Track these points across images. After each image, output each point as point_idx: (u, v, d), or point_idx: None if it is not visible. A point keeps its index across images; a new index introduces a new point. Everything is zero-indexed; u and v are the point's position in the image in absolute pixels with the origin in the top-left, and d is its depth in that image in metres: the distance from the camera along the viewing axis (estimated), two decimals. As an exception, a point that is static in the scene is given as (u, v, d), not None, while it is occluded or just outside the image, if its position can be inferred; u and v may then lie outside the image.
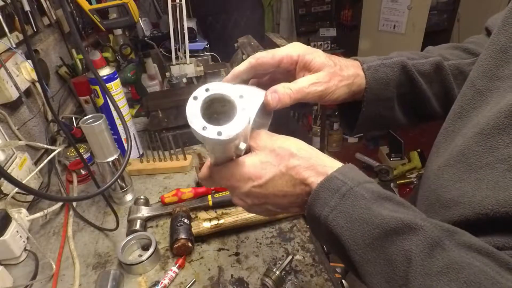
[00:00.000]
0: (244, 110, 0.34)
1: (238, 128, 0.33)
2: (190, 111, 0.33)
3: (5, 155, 0.82)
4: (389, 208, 0.33)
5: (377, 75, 0.49)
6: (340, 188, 0.35)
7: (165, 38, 1.41)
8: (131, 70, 1.25)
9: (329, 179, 0.36)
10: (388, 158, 2.82)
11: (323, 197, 0.36)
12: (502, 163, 0.32)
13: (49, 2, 1.29)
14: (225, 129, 0.33)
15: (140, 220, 0.77)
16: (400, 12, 2.87)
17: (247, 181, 0.40)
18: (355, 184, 0.35)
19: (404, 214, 0.32)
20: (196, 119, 0.32)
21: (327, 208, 0.35)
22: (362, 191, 0.34)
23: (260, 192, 0.40)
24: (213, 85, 0.34)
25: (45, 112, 1.12)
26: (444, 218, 0.36)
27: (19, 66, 0.96)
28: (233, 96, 0.34)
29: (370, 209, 0.33)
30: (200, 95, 0.34)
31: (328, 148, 3.10)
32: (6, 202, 0.75)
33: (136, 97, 1.32)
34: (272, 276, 0.61)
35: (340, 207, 0.34)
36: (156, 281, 0.66)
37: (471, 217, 0.33)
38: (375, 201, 0.34)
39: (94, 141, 0.77)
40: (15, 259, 0.71)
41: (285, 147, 0.40)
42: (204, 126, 0.32)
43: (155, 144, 0.96)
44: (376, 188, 0.35)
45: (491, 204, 0.31)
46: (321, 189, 0.36)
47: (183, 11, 1.25)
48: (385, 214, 0.32)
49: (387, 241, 0.31)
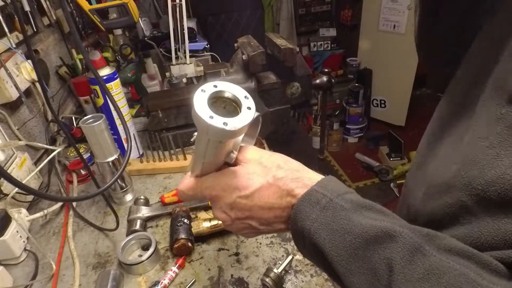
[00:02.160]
0: (250, 109, 0.35)
1: (244, 121, 0.33)
2: (197, 101, 0.33)
3: (5, 155, 0.82)
4: (369, 217, 0.33)
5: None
6: (320, 200, 0.35)
7: (165, 38, 1.42)
8: (131, 70, 1.25)
9: (309, 193, 0.36)
10: (388, 158, 2.82)
11: (304, 211, 0.36)
12: (483, 141, 0.32)
13: (49, 2, 1.29)
14: (231, 121, 0.33)
15: (140, 220, 0.77)
16: (400, 12, 2.86)
17: (233, 191, 0.40)
18: (334, 195, 0.35)
19: (383, 222, 0.32)
20: (204, 108, 0.33)
21: (309, 221, 0.35)
22: (341, 202, 0.35)
23: (246, 204, 0.40)
24: (221, 83, 0.35)
25: (45, 112, 1.12)
26: (441, 203, 0.36)
27: (19, 66, 0.96)
28: (239, 95, 0.35)
29: (350, 219, 0.33)
30: (208, 89, 0.34)
31: (328, 148, 3.10)
32: (6, 202, 0.75)
33: (136, 97, 1.32)
34: (272, 276, 0.61)
35: (321, 219, 0.35)
36: (156, 281, 0.66)
37: (466, 199, 0.33)
38: (354, 210, 0.34)
39: (94, 141, 0.77)
40: (15, 259, 0.71)
41: (272, 160, 0.40)
42: (211, 115, 0.32)
43: (155, 144, 0.96)
44: (356, 198, 0.36)
45: (480, 185, 0.31)
46: (303, 203, 0.36)
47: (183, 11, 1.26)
48: (364, 223, 0.32)
49: (369, 250, 0.31)
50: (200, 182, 0.43)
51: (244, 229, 0.43)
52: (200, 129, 0.35)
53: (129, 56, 1.33)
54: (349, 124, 3.16)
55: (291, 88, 1.08)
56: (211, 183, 0.41)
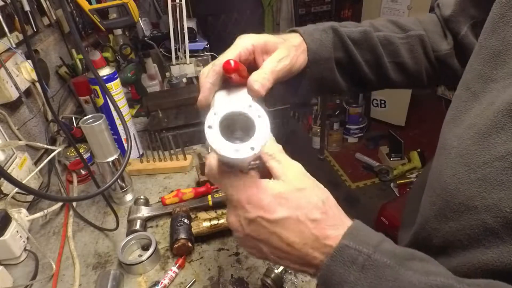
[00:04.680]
0: (261, 117, 0.33)
1: (265, 135, 0.32)
2: (213, 141, 0.31)
3: (5, 155, 0.82)
4: (416, 270, 0.30)
5: (313, 37, 0.52)
6: (356, 259, 0.31)
7: (165, 38, 1.41)
8: (131, 70, 1.25)
9: (340, 249, 0.32)
10: (388, 158, 2.82)
11: (337, 272, 0.31)
12: (500, 161, 0.31)
13: (49, 2, 1.29)
14: (254, 142, 0.31)
15: (140, 220, 0.77)
16: (400, 12, 2.86)
17: (257, 209, 0.35)
18: (371, 250, 0.31)
19: (436, 276, 0.29)
20: (225, 145, 0.31)
21: (346, 286, 0.31)
22: (382, 258, 0.30)
23: (266, 228, 0.35)
24: (217, 108, 0.33)
25: (45, 112, 1.12)
26: (460, 224, 0.35)
27: (19, 66, 0.96)
28: (243, 109, 0.33)
29: (398, 279, 0.29)
30: (213, 123, 0.32)
31: (328, 148, 3.10)
32: (6, 202, 0.75)
33: (136, 97, 1.32)
34: (272, 276, 0.61)
35: (362, 282, 0.30)
36: (156, 281, 0.66)
37: (489, 221, 0.32)
38: (399, 265, 0.30)
39: (94, 141, 0.77)
40: (15, 259, 0.71)
41: (314, 193, 0.36)
42: (236, 149, 0.31)
43: (155, 144, 0.96)
44: (393, 248, 0.32)
45: (509, 207, 0.30)
46: (334, 263, 0.32)
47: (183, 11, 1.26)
48: (415, 281, 0.29)
49: None
50: (225, 175, 0.37)
51: (252, 248, 0.39)
52: None
53: (129, 56, 1.33)
54: (349, 124, 3.16)
55: (291, 88, 1.07)
56: (238, 186, 0.36)
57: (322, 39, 0.53)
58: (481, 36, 0.40)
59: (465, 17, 0.54)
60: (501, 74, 0.35)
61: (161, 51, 1.40)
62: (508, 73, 0.34)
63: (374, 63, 0.57)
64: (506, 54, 0.35)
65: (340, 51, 0.55)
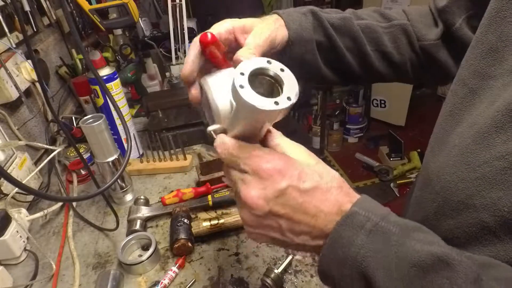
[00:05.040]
0: (284, 70, 0.33)
1: (295, 86, 0.32)
2: (251, 98, 0.30)
3: (5, 155, 0.82)
4: (420, 240, 0.31)
5: (293, 17, 0.53)
6: (364, 224, 0.32)
7: (165, 38, 1.41)
8: (131, 70, 1.25)
9: (351, 215, 0.32)
10: (388, 158, 2.82)
11: (346, 236, 0.32)
12: (499, 160, 0.32)
13: (49, 2, 1.29)
14: (288, 92, 0.31)
15: (140, 220, 0.77)
16: (400, 12, 2.87)
17: (290, 177, 0.33)
18: (379, 218, 0.32)
19: (439, 246, 0.30)
20: (263, 100, 0.30)
21: (353, 248, 0.31)
22: (389, 226, 0.32)
23: (295, 198, 0.33)
24: (242, 67, 0.32)
25: (45, 112, 1.12)
26: (459, 222, 0.36)
27: (19, 66, 0.96)
28: (265, 65, 0.33)
29: (403, 245, 0.30)
30: (243, 82, 0.31)
31: (328, 148, 3.10)
32: (6, 202, 0.75)
33: (136, 97, 1.32)
34: (272, 276, 0.61)
35: (369, 245, 0.31)
36: (156, 281, 0.66)
37: (487, 219, 0.32)
38: (405, 235, 0.31)
39: (94, 141, 0.77)
40: (15, 259, 0.71)
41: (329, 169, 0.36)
42: (276, 101, 0.30)
43: (155, 144, 0.96)
44: (399, 219, 0.33)
45: (506, 206, 0.30)
46: (343, 227, 0.32)
47: (183, 11, 1.26)
48: (419, 248, 0.30)
49: (426, 280, 0.29)
50: (245, 149, 0.35)
51: (267, 228, 0.36)
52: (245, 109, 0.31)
53: (129, 56, 1.33)
54: (349, 124, 3.16)
55: (291, 88, 1.07)
56: (263, 156, 0.34)
57: (301, 21, 0.53)
58: (478, 30, 0.40)
59: (460, 9, 0.53)
60: (500, 71, 0.35)
61: (161, 51, 1.40)
62: (508, 70, 0.34)
63: (356, 50, 0.57)
64: (504, 50, 0.35)
65: (320, 35, 0.55)
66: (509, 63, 0.34)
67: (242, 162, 0.35)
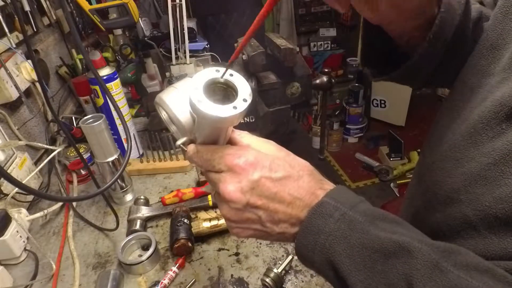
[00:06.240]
0: (233, 75, 0.35)
1: (247, 87, 0.34)
2: (211, 109, 0.32)
3: (5, 155, 0.82)
4: (384, 229, 0.32)
5: None
6: (333, 213, 0.33)
7: (165, 38, 1.41)
8: (131, 70, 1.25)
9: (321, 204, 0.34)
10: (388, 158, 2.82)
11: (316, 224, 0.34)
12: (485, 157, 0.32)
13: (49, 2, 1.29)
14: (242, 95, 0.33)
15: (140, 220, 0.77)
16: (400, 12, 2.86)
17: (261, 168, 0.35)
18: (347, 207, 0.34)
19: (401, 235, 0.31)
20: (222, 108, 0.32)
21: (322, 235, 0.33)
22: (356, 215, 0.33)
23: (269, 188, 0.35)
24: (194, 83, 0.34)
25: (45, 112, 1.12)
26: (445, 215, 0.36)
27: (19, 66, 0.96)
28: (215, 76, 0.35)
29: (367, 232, 0.32)
30: (199, 97, 0.33)
31: (328, 148, 3.10)
32: (6, 202, 0.75)
33: (136, 97, 1.32)
34: (272, 276, 0.61)
35: (336, 233, 0.33)
36: (156, 281, 0.66)
37: (470, 214, 0.33)
38: (370, 223, 0.32)
39: (94, 141, 0.77)
40: (15, 259, 0.71)
41: (300, 159, 0.38)
42: (234, 106, 0.32)
43: (155, 144, 0.96)
44: (368, 208, 0.34)
45: (488, 201, 0.31)
46: (314, 215, 0.34)
47: (183, 11, 1.25)
48: (382, 236, 0.31)
49: (387, 265, 0.30)
50: (215, 150, 0.37)
51: (247, 222, 0.37)
52: (204, 120, 0.34)
53: (129, 56, 1.33)
54: (349, 124, 3.16)
55: (291, 88, 1.08)
56: (234, 153, 0.36)
57: None
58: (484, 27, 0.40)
59: None
60: (498, 69, 0.35)
61: (161, 51, 1.40)
62: (503, 67, 0.34)
63: None
64: (503, 48, 0.35)
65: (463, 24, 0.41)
66: (505, 61, 0.34)
67: (217, 163, 0.36)
